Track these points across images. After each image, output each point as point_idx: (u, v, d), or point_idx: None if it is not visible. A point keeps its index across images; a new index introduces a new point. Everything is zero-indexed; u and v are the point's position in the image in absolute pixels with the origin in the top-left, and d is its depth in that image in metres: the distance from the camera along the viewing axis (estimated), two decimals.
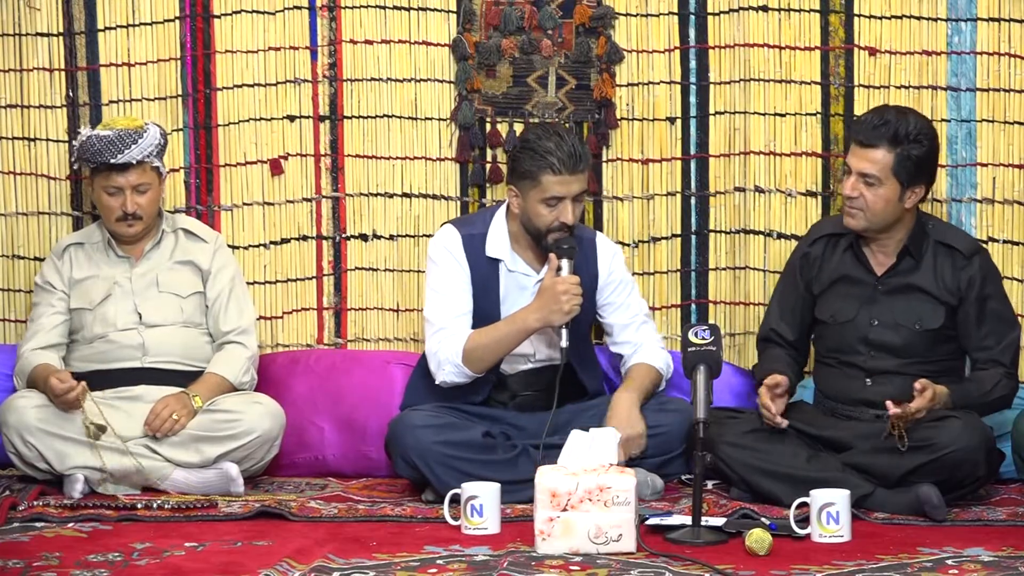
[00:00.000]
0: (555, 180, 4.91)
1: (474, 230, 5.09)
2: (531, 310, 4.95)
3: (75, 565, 4.15)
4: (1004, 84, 5.43)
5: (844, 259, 5.05)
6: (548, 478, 4.30)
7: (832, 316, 5.05)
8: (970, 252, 4.98)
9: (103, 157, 5.16)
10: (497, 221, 5.10)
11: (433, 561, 4.19)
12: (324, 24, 5.59)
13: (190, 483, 5.03)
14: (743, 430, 4.89)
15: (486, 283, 5.06)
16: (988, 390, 4.89)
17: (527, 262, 5.08)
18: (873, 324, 4.98)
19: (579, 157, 4.92)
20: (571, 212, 4.94)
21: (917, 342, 4.96)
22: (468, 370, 4.97)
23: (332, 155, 5.63)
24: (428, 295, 5.08)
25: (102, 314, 5.24)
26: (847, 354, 5.00)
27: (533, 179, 4.93)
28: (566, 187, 4.92)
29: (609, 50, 5.52)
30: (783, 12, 5.50)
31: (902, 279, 4.98)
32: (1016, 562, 4.14)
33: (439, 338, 5.00)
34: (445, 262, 5.06)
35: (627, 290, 5.19)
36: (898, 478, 4.73)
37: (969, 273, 4.95)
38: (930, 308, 4.96)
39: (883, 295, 4.99)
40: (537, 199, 4.95)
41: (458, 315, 5.01)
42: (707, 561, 4.14)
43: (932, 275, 4.96)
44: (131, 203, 5.21)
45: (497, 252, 5.07)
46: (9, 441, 5.02)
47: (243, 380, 5.24)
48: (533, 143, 4.94)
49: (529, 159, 4.93)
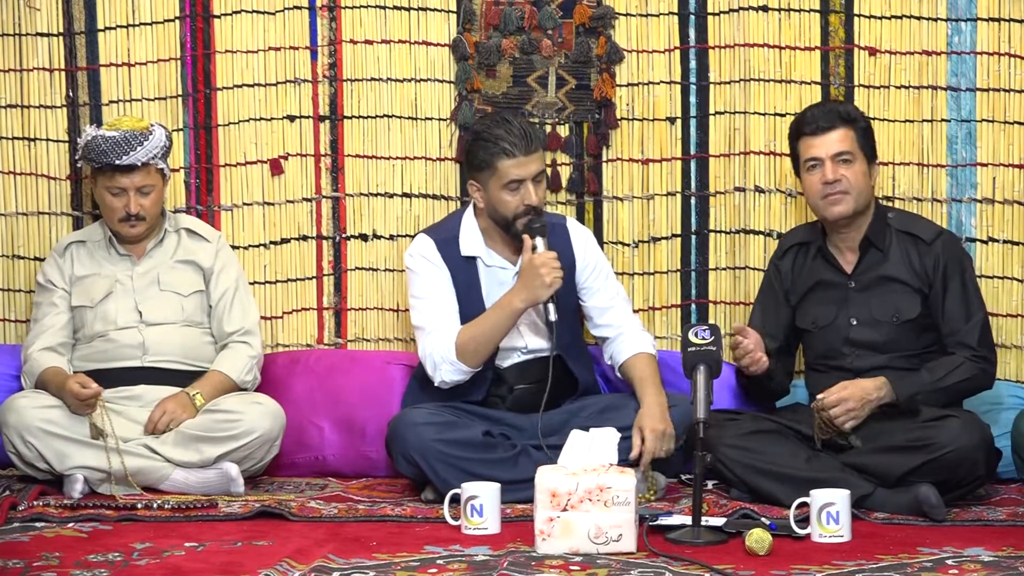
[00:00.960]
0: (511, 163, 4.94)
1: (446, 234, 5.12)
2: (515, 291, 4.96)
3: (75, 565, 4.14)
4: (1004, 84, 5.43)
5: (815, 265, 5.11)
6: (548, 478, 4.30)
7: (813, 323, 5.09)
8: (931, 237, 5.02)
9: (108, 158, 5.16)
10: (467, 221, 5.12)
11: (433, 561, 4.18)
12: (324, 24, 5.60)
13: (190, 483, 5.03)
14: (742, 431, 4.89)
15: (467, 282, 5.08)
16: (942, 376, 4.89)
17: (503, 256, 5.10)
18: (852, 324, 5.02)
19: (530, 137, 4.96)
20: (534, 193, 4.97)
21: (898, 335, 4.99)
22: (464, 365, 4.98)
23: (332, 155, 5.64)
24: (413, 304, 5.10)
25: (103, 312, 5.24)
26: (834, 358, 5.03)
27: (490, 167, 4.96)
28: (523, 168, 4.95)
29: (609, 50, 5.52)
30: (783, 12, 5.50)
31: (873, 272, 5.02)
32: (1016, 562, 4.14)
33: (430, 340, 5.01)
34: (424, 269, 5.08)
35: (604, 272, 5.21)
36: (898, 478, 4.73)
37: (932, 258, 5.00)
38: (906, 299, 4.99)
39: (857, 293, 5.03)
40: (498, 187, 4.97)
41: (445, 316, 5.03)
42: (707, 561, 4.14)
43: (901, 264, 5.00)
44: (134, 204, 5.21)
45: (472, 250, 5.09)
46: (9, 441, 5.02)
47: (246, 379, 5.24)
48: (483, 132, 4.99)
49: (482, 149, 4.97)
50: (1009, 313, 5.48)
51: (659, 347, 5.37)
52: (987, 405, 5.20)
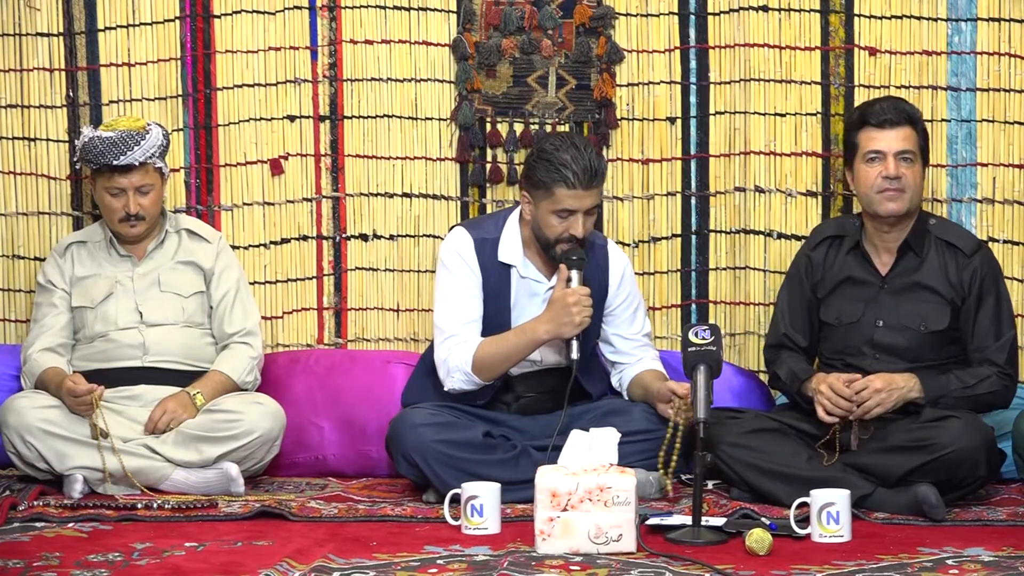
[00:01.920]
0: (568, 193, 4.86)
1: (487, 234, 5.05)
2: (542, 321, 4.92)
3: (75, 565, 4.14)
4: (1004, 84, 5.43)
5: (847, 260, 5.06)
6: (548, 478, 4.29)
7: (837, 318, 5.05)
8: (972, 250, 4.98)
9: (106, 159, 5.16)
10: (510, 226, 5.06)
11: (433, 561, 4.18)
12: (324, 24, 5.60)
13: (190, 483, 5.03)
14: (743, 430, 4.89)
15: (498, 289, 5.03)
16: (971, 384, 4.87)
17: (538, 268, 5.04)
18: (878, 325, 4.98)
19: (594, 172, 4.86)
20: (581, 225, 4.89)
21: (922, 344, 4.96)
22: (477, 378, 4.95)
23: (332, 155, 5.64)
24: (438, 300, 5.04)
25: (103, 313, 5.24)
26: (853, 356, 4.99)
27: (546, 189, 4.88)
28: (578, 201, 4.87)
29: (609, 50, 5.52)
30: (783, 12, 5.50)
31: (908, 278, 4.98)
32: (1016, 562, 4.14)
33: (448, 345, 4.97)
34: (457, 267, 5.02)
35: (634, 305, 5.16)
36: (898, 478, 4.73)
37: (971, 271, 4.96)
38: (936, 308, 4.95)
39: (888, 295, 4.99)
40: (548, 209, 4.90)
41: (468, 322, 4.98)
42: (707, 561, 4.14)
43: (937, 273, 4.96)
44: (134, 204, 5.21)
45: (510, 258, 5.03)
46: (9, 441, 5.02)
47: (246, 380, 5.24)
48: (550, 153, 4.88)
49: (544, 169, 4.87)
50: None
51: (659, 347, 5.36)
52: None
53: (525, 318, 4.99)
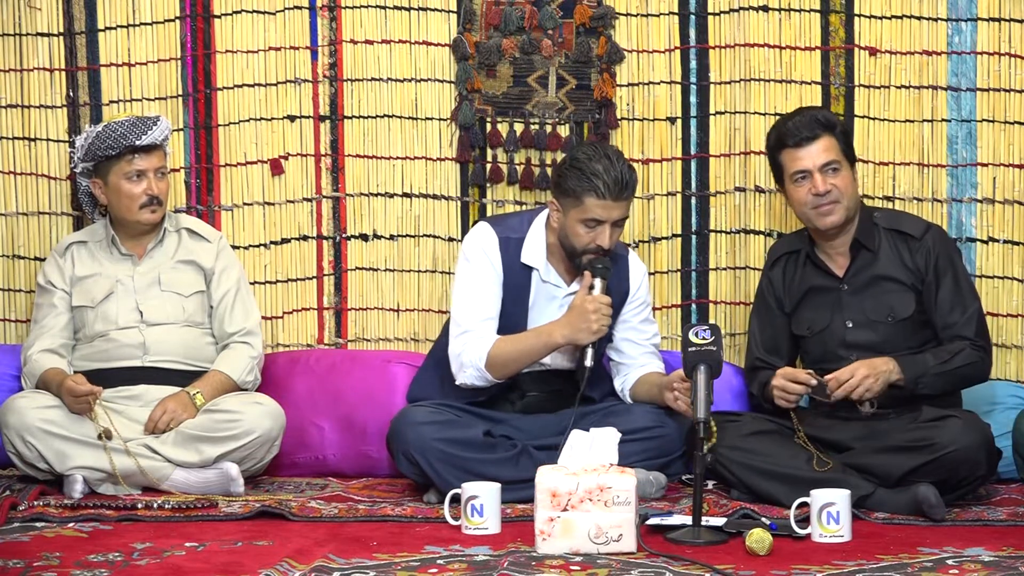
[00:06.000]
0: (598, 204, 4.86)
1: (512, 233, 5.05)
2: (559, 325, 4.92)
3: (75, 565, 4.14)
4: (1004, 84, 5.43)
5: (806, 272, 5.10)
6: (548, 478, 4.29)
7: (808, 328, 5.08)
8: (921, 232, 5.02)
9: (128, 140, 5.17)
10: (536, 228, 5.06)
11: (433, 561, 4.18)
12: (324, 24, 5.60)
13: (190, 483, 5.03)
14: (742, 433, 4.89)
15: (518, 289, 5.03)
16: (946, 359, 4.88)
17: (559, 274, 5.05)
18: (848, 326, 5.01)
19: (625, 184, 4.86)
20: (608, 236, 4.90)
21: (894, 334, 4.98)
22: (490, 375, 4.96)
23: (332, 155, 5.64)
24: (457, 293, 5.04)
25: (103, 312, 5.24)
26: (831, 361, 5.00)
27: (576, 198, 4.88)
28: (607, 212, 4.88)
29: (609, 50, 5.53)
30: (783, 12, 5.50)
31: (865, 273, 5.01)
32: (1016, 562, 4.14)
33: (464, 340, 4.97)
34: (479, 262, 5.02)
35: (646, 314, 5.18)
36: (898, 478, 4.73)
37: (924, 253, 4.99)
38: (899, 297, 4.98)
39: (850, 295, 5.02)
40: (577, 218, 4.90)
41: (485, 318, 4.99)
42: (707, 561, 4.14)
43: (893, 262, 4.99)
44: (155, 185, 5.22)
45: (532, 260, 5.03)
46: (9, 441, 5.03)
47: (246, 379, 5.25)
48: (582, 163, 4.88)
49: (575, 178, 4.88)
50: (1009, 313, 5.49)
51: (659, 347, 5.36)
52: (987, 405, 5.21)
53: (542, 321, 5.00)
